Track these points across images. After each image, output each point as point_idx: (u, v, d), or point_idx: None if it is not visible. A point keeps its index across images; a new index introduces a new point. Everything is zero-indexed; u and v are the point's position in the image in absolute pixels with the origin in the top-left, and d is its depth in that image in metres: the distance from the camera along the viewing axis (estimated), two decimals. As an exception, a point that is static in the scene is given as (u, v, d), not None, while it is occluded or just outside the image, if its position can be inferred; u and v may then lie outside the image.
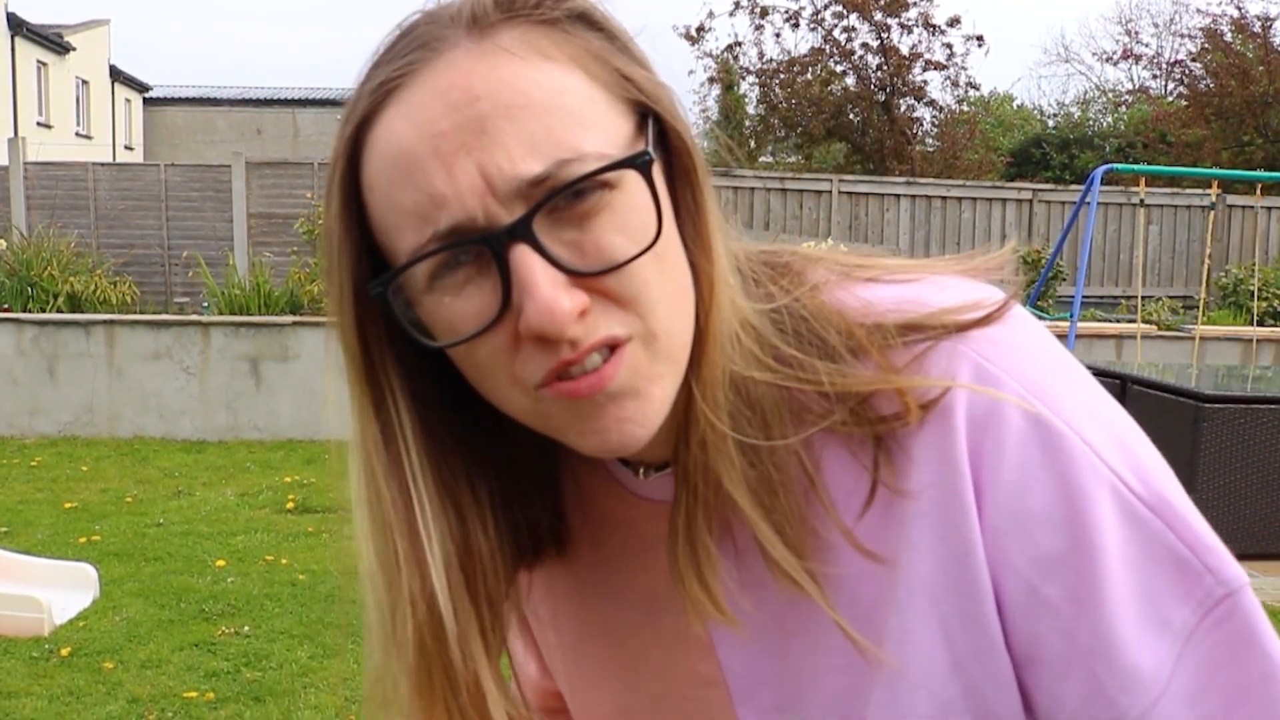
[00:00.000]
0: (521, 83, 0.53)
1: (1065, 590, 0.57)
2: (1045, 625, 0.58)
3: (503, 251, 0.53)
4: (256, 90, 32.10)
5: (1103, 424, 0.58)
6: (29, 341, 7.92)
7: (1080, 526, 0.56)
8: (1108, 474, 0.57)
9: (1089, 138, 22.44)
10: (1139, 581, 0.57)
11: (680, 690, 0.69)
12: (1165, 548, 0.57)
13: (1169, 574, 0.57)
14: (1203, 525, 0.59)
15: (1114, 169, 7.29)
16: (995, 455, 0.57)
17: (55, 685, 3.58)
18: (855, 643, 0.60)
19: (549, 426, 0.58)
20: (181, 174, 10.67)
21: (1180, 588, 0.57)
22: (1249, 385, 5.68)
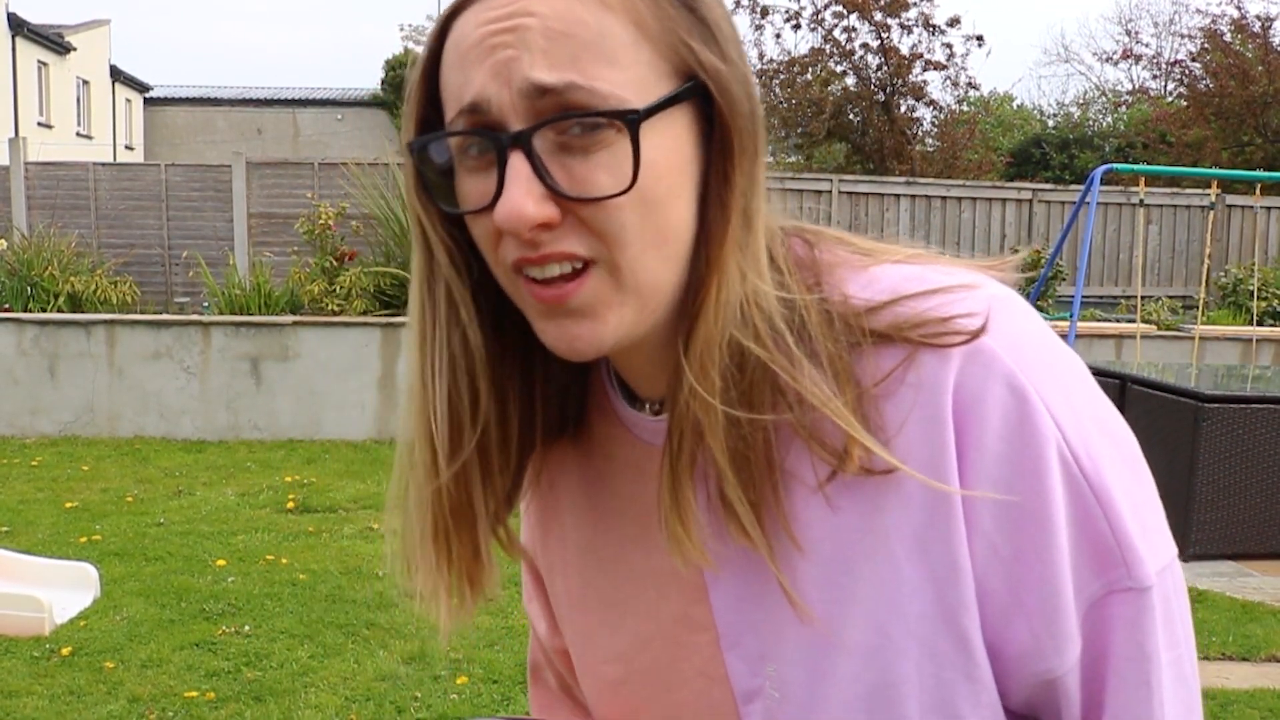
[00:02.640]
0: (570, 14, 0.59)
1: (1022, 551, 0.62)
2: (998, 582, 0.63)
3: (504, 153, 0.60)
4: (256, 90, 32.10)
5: (1073, 407, 0.63)
6: (29, 341, 7.92)
7: (1040, 499, 0.62)
8: (1069, 456, 0.62)
9: (1089, 138, 22.43)
10: (1075, 550, 0.63)
11: (670, 633, 0.73)
12: (1096, 531, 0.63)
13: (1094, 551, 0.63)
14: (1134, 521, 0.64)
15: (1114, 169, 7.29)
16: (979, 425, 0.62)
17: (56, 685, 3.58)
18: (792, 601, 0.65)
19: (526, 312, 0.66)
20: (182, 174, 10.66)
21: (1099, 565, 0.63)
22: (1249, 385, 5.68)
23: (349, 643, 3.99)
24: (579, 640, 0.83)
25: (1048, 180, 19.06)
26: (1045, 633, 0.63)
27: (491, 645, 3.98)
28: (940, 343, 0.62)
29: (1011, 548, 0.62)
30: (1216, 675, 3.86)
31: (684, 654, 0.73)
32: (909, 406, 0.62)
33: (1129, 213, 13.00)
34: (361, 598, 4.47)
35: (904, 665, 0.64)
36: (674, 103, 0.61)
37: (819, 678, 0.66)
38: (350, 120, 30.44)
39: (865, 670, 0.64)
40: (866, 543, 0.64)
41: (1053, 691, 0.66)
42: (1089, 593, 0.63)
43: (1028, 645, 0.64)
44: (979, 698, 0.64)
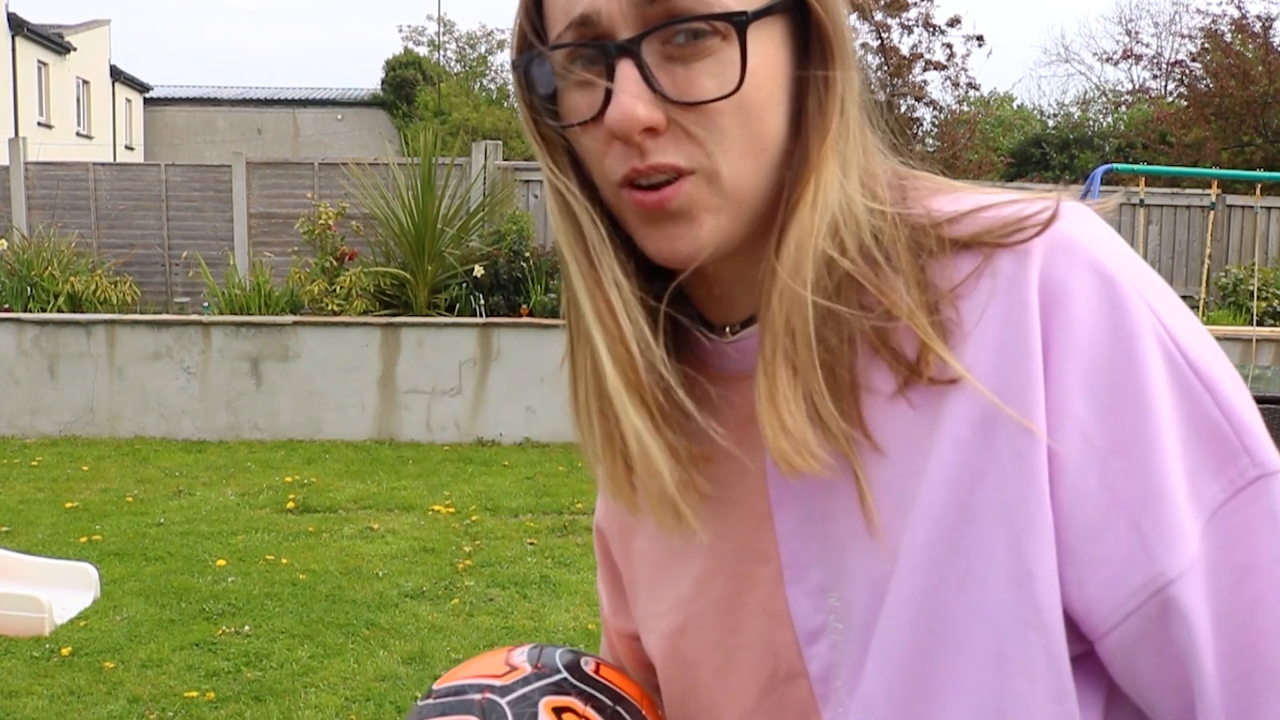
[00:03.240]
0: None
1: (1121, 440, 0.58)
2: (1093, 479, 0.59)
3: (612, 61, 0.61)
4: (256, 90, 32.10)
5: (1165, 297, 0.62)
6: (30, 341, 7.92)
7: (1139, 381, 0.59)
8: (1167, 339, 0.60)
9: (1089, 138, 22.44)
10: (1184, 445, 0.59)
11: (732, 567, 0.71)
12: (1207, 419, 0.59)
13: (1207, 446, 0.59)
14: (1247, 407, 0.61)
15: (1114, 169, 7.30)
16: (1065, 311, 0.60)
17: (56, 685, 3.59)
18: (870, 519, 0.63)
19: (627, 225, 0.66)
20: (182, 174, 10.66)
21: (1216, 461, 0.59)
22: (1249, 385, 5.68)
23: (349, 643, 3.99)
24: (645, 599, 0.80)
25: (1048, 180, 19.06)
26: (1152, 527, 0.58)
27: (492, 646, 3.98)
28: (1016, 239, 0.61)
29: (1109, 438, 0.59)
30: (1216, 675, 3.86)
31: (745, 588, 0.71)
32: (985, 301, 0.61)
33: (1129, 213, 13.00)
34: (361, 598, 4.47)
35: None
36: (776, 10, 0.62)
37: (882, 599, 0.63)
38: (350, 120, 30.44)
39: None
40: (931, 444, 0.62)
41: (1173, 633, 0.58)
42: (1210, 495, 0.58)
43: (1131, 547, 0.58)
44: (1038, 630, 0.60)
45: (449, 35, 29.14)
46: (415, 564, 4.95)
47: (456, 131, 20.11)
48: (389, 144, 18.12)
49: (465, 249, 8.53)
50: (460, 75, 28.43)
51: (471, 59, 28.89)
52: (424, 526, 5.60)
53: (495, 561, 4.98)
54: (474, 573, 4.82)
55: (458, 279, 8.36)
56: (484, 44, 28.80)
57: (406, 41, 30.35)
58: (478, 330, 7.91)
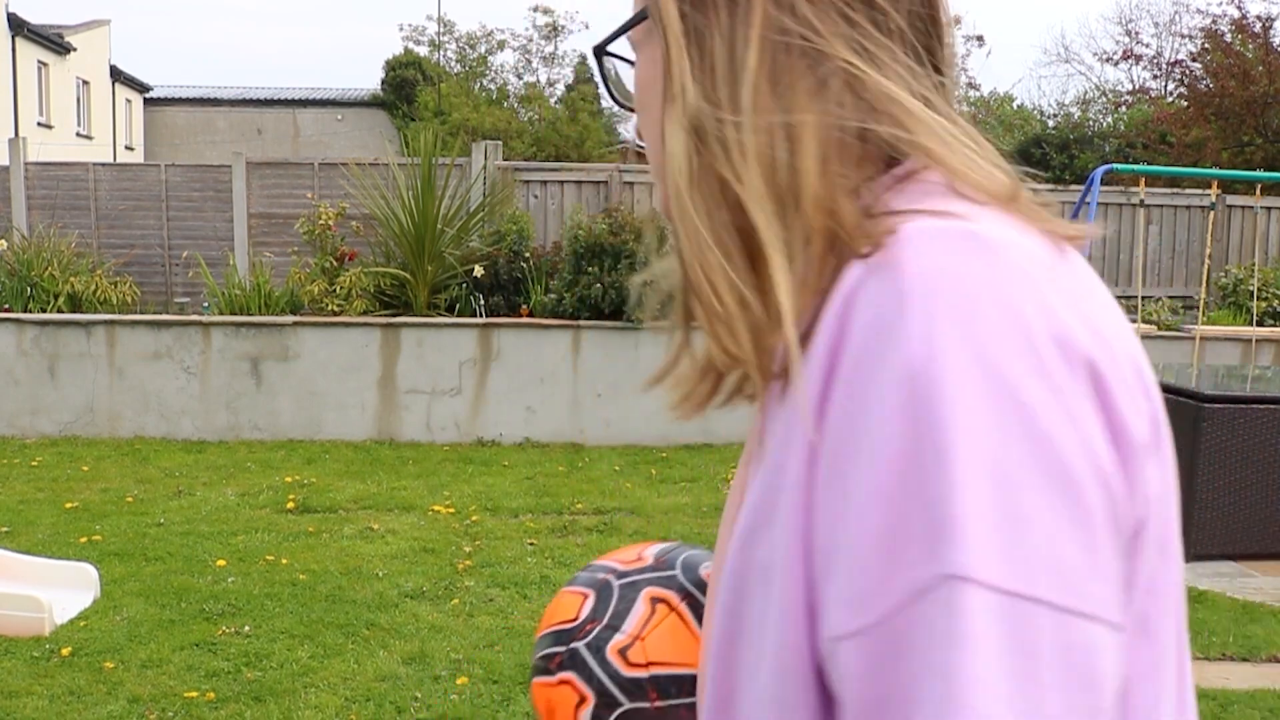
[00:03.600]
0: None
1: (833, 478, 0.53)
2: (819, 515, 0.54)
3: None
4: (256, 90, 32.10)
5: (974, 348, 0.51)
6: (30, 341, 7.92)
7: (865, 419, 0.52)
8: (922, 381, 0.50)
9: (1089, 138, 22.42)
10: (891, 509, 0.50)
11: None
12: (923, 491, 0.49)
13: (914, 519, 0.49)
14: (998, 514, 0.48)
15: (1114, 169, 7.29)
16: (850, 333, 0.53)
17: (56, 685, 3.58)
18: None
19: None
20: (182, 174, 10.66)
21: (920, 539, 0.49)
22: (1249, 385, 5.68)
23: (349, 643, 3.99)
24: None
25: (1048, 180, 19.04)
26: (844, 585, 0.51)
27: (492, 646, 3.98)
28: (863, 253, 0.55)
29: (831, 472, 0.52)
30: (1217, 676, 3.86)
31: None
32: (825, 313, 0.55)
33: (1129, 213, 12.99)
34: (361, 598, 4.47)
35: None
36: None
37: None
38: (350, 120, 30.45)
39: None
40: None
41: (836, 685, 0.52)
42: (910, 572, 0.48)
43: (829, 600, 0.52)
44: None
45: (449, 35, 29.12)
46: (415, 564, 4.94)
47: (456, 131, 20.10)
48: (389, 144, 18.12)
49: (465, 249, 8.52)
50: (460, 75, 28.40)
51: (471, 59, 28.87)
52: (424, 526, 5.60)
53: (495, 561, 4.98)
54: (474, 573, 4.82)
55: (458, 279, 8.36)
56: (484, 44, 28.78)
57: (407, 41, 30.28)
58: (478, 330, 7.91)
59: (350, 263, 8.47)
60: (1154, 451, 0.56)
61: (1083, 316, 0.54)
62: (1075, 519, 0.49)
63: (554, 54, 28.94)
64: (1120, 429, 0.53)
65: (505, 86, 28.46)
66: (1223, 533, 5.20)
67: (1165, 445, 0.57)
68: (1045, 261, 0.55)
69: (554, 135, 24.03)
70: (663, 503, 6.20)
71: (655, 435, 7.97)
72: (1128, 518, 0.53)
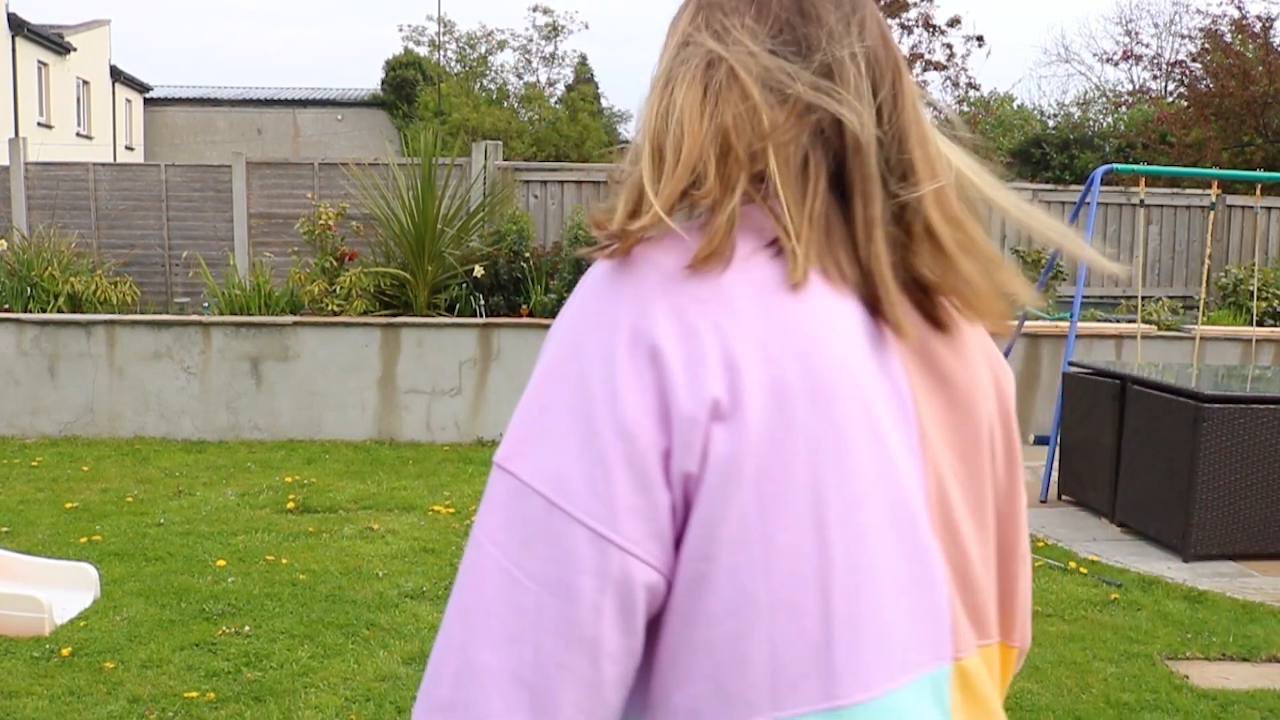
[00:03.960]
0: None
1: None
2: None
3: None
4: (256, 90, 32.10)
5: (584, 315, 0.78)
6: (30, 341, 7.92)
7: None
8: (554, 342, 0.79)
9: (1089, 138, 22.41)
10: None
11: None
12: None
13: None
14: (529, 407, 0.77)
15: (1114, 169, 7.28)
16: None
17: (56, 685, 3.58)
18: None
19: None
20: (182, 174, 10.66)
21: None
22: (1249, 385, 5.68)
23: (349, 643, 3.99)
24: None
25: (1048, 181, 19.04)
26: None
27: (491, 645, 3.98)
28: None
29: None
30: (1217, 675, 3.86)
31: None
32: None
33: (1129, 213, 12.99)
34: (361, 598, 4.47)
35: None
36: None
37: None
38: (350, 120, 30.44)
39: None
40: None
41: None
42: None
43: None
44: None
45: (449, 35, 29.12)
46: (415, 564, 4.94)
47: (456, 131, 20.09)
48: (389, 144, 18.11)
49: (465, 249, 8.53)
50: (460, 75, 28.40)
51: (471, 59, 28.87)
52: (424, 526, 5.60)
53: (495, 562, 4.97)
54: (474, 573, 4.82)
55: (458, 279, 8.36)
56: (484, 44, 28.78)
57: (406, 41, 30.29)
58: (478, 330, 7.91)
59: (350, 263, 8.47)
60: (725, 421, 0.72)
61: (684, 320, 0.74)
62: (582, 450, 0.72)
63: (554, 54, 28.93)
64: (669, 400, 0.72)
65: (505, 86, 28.45)
66: (1222, 533, 5.20)
67: (747, 415, 0.72)
68: (681, 280, 0.75)
69: (554, 135, 24.02)
70: (663, 503, 6.20)
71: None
72: (663, 464, 0.73)
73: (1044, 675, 3.82)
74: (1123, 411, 5.80)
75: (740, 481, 0.72)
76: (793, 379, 0.74)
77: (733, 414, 0.72)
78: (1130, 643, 4.14)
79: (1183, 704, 3.59)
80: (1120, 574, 4.99)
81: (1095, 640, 4.16)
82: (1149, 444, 5.55)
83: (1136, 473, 5.65)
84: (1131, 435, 5.70)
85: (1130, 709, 3.55)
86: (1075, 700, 3.62)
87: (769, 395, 0.73)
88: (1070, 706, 3.57)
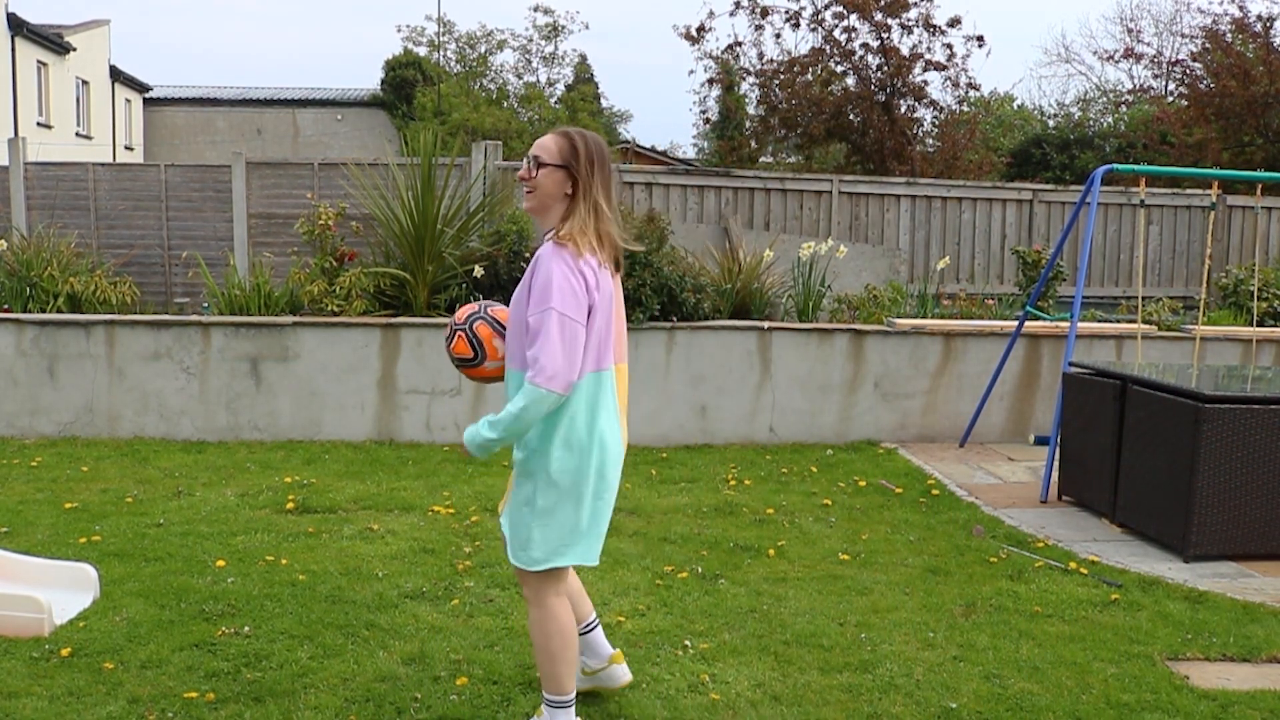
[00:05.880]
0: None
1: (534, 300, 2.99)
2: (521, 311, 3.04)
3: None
4: (256, 90, 32.09)
5: (547, 275, 2.95)
6: (29, 342, 7.92)
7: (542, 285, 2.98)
8: (544, 282, 2.96)
9: (1089, 138, 22.42)
10: (537, 295, 2.99)
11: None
12: (545, 291, 2.97)
13: (538, 301, 2.96)
14: (554, 292, 2.93)
15: (1114, 169, 7.27)
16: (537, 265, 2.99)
17: (55, 685, 3.58)
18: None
19: None
20: (181, 174, 10.66)
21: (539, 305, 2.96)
22: (1249, 385, 5.68)
23: (349, 643, 3.99)
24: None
25: (1048, 181, 19.04)
26: (532, 306, 2.94)
27: (492, 646, 3.98)
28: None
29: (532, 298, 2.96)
30: (1217, 676, 3.86)
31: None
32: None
33: (1129, 213, 12.99)
34: (361, 598, 4.47)
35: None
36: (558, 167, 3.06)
37: None
38: (350, 120, 30.43)
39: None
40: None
41: None
42: (544, 305, 2.91)
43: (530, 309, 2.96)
44: None
45: (449, 36, 29.10)
46: (415, 564, 4.94)
47: (456, 131, 20.09)
48: (389, 144, 18.09)
49: (465, 249, 8.52)
50: (460, 75, 28.39)
51: (471, 59, 28.86)
52: (424, 527, 5.60)
53: (495, 562, 4.98)
54: (474, 573, 4.82)
55: (458, 279, 8.36)
56: (484, 44, 28.76)
57: (406, 42, 30.29)
58: (478, 330, 7.89)
59: (350, 263, 8.47)
60: (593, 293, 2.97)
61: (579, 269, 2.95)
62: (577, 302, 2.92)
63: (554, 54, 28.93)
64: (590, 290, 2.96)
65: (505, 86, 28.43)
66: (1222, 533, 5.20)
67: (602, 296, 3.00)
68: (578, 260, 2.96)
69: (554, 135, 23.95)
70: (663, 503, 6.20)
71: (655, 435, 7.97)
72: (587, 305, 2.95)
73: (1044, 675, 3.82)
74: (1123, 412, 5.79)
75: (597, 307, 2.97)
76: (601, 283, 3.00)
77: (596, 290, 2.97)
78: (1130, 643, 4.14)
79: (1183, 704, 3.59)
80: (1120, 574, 4.99)
81: (1095, 640, 4.16)
82: (1149, 444, 5.54)
83: (1136, 473, 5.65)
84: (1131, 435, 5.70)
85: (1130, 709, 3.55)
86: (1075, 700, 3.62)
87: (598, 288, 2.98)
88: (1070, 707, 3.56)
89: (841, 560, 5.17)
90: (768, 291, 8.71)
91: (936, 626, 4.29)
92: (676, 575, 4.87)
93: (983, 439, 8.28)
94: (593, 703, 3.51)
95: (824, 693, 3.65)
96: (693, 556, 5.18)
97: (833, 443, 8.13)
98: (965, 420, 8.24)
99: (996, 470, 7.32)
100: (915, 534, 5.65)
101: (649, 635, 4.13)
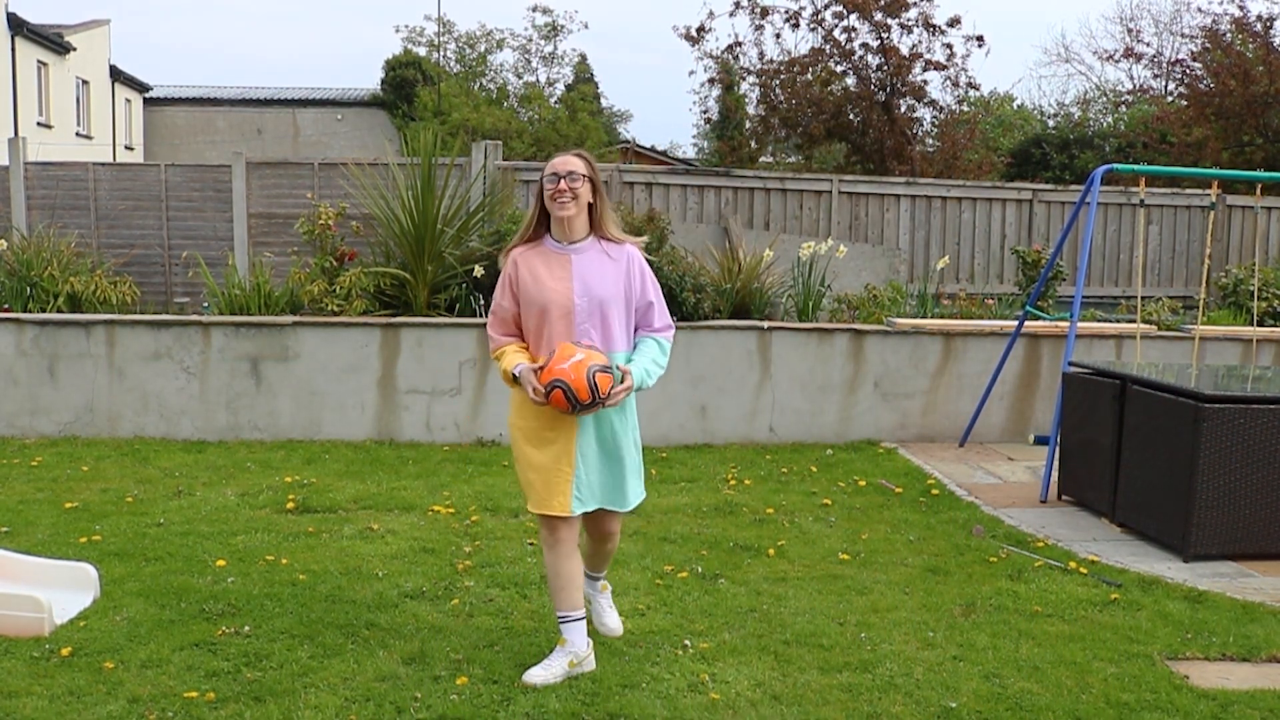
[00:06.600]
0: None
1: (642, 283, 3.86)
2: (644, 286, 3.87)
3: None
4: (256, 90, 32.09)
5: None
6: (29, 341, 7.92)
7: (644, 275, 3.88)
8: (645, 268, 3.86)
9: (1089, 138, 22.41)
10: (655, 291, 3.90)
11: (558, 289, 3.69)
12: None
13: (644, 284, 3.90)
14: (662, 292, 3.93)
15: (1114, 169, 7.27)
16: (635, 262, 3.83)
17: (56, 685, 3.58)
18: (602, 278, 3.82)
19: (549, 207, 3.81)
20: (182, 174, 10.67)
21: (642, 288, 3.89)
22: (1249, 385, 5.68)
23: (349, 643, 3.99)
24: (528, 303, 3.69)
25: (1048, 180, 19.03)
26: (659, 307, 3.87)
27: (492, 646, 3.98)
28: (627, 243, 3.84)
29: (641, 282, 3.83)
30: (1217, 676, 3.86)
31: (560, 299, 3.68)
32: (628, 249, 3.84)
33: (1129, 213, 13.00)
34: (361, 598, 4.47)
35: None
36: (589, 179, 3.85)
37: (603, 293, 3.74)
38: (350, 120, 30.43)
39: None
40: (611, 266, 3.76)
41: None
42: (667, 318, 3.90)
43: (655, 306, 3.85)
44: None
45: (448, 35, 29.11)
46: (415, 564, 4.94)
47: (456, 131, 20.08)
48: (389, 144, 18.08)
49: (465, 249, 8.53)
50: (460, 75, 28.39)
51: (471, 59, 28.86)
52: (424, 527, 5.60)
53: (495, 561, 4.98)
54: (474, 573, 4.82)
55: (458, 279, 8.36)
56: (483, 44, 28.76)
57: (406, 42, 30.28)
58: (478, 330, 7.90)
59: (350, 263, 8.47)
60: (515, 279, 3.74)
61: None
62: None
63: (554, 54, 28.93)
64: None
65: (505, 86, 28.42)
66: (1222, 533, 5.20)
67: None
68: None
69: (554, 135, 24.01)
70: (663, 503, 6.20)
71: (655, 435, 7.97)
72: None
73: (1044, 675, 3.82)
74: (1123, 412, 5.80)
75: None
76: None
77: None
78: (1130, 643, 4.14)
79: (1183, 704, 3.59)
80: (1120, 574, 4.99)
81: (1095, 640, 4.16)
82: (1149, 444, 5.55)
83: (1136, 473, 5.65)
84: (1131, 435, 5.70)
85: (1130, 709, 3.55)
86: (1075, 700, 3.62)
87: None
88: (1070, 706, 3.57)
89: (841, 560, 5.18)
90: (768, 291, 8.71)
91: (936, 626, 4.29)
92: (676, 575, 4.87)
93: (982, 439, 8.28)
94: (593, 702, 3.51)
95: (824, 692, 3.65)
96: (693, 556, 5.18)
97: (833, 442, 8.14)
98: (965, 420, 8.24)
99: (996, 470, 7.33)
100: (915, 534, 5.65)
101: (649, 635, 4.13)
